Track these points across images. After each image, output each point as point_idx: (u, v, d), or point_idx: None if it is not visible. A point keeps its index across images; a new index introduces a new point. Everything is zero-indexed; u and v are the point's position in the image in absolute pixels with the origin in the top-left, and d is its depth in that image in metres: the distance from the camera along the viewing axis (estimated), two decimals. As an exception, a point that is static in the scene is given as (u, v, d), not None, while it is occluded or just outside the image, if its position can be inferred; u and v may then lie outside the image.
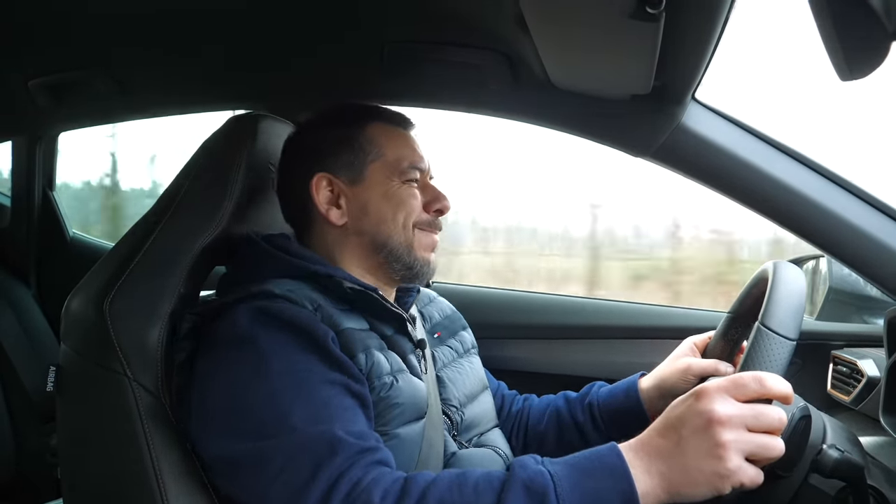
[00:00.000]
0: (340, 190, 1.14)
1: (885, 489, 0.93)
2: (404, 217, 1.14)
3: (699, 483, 0.79)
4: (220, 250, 1.12)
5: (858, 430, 1.10)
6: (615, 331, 1.85)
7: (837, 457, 0.89)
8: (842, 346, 1.62)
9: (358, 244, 1.14)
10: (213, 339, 0.98)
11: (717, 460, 0.78)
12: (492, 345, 1.69)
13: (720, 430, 0.79)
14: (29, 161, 2.32)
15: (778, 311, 0.94)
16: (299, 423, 0.88)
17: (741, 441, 0.79)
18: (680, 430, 0.81)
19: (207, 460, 0.96)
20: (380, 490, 0.82)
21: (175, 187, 1.14)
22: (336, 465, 0.84)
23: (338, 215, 1.14)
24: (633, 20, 0.90)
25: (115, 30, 1.49)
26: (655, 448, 0.82)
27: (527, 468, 0.83)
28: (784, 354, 0.91)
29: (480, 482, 0.83)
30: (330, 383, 0.94)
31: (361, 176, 1.14)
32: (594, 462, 0.82)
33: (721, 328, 1.25)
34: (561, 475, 0.81)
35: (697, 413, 0.81)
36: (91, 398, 1.03)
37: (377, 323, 1.09)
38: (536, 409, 1.37)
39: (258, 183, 1.17)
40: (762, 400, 0.82)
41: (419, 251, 1.15)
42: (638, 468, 0.80)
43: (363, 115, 1.18)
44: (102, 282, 1.03)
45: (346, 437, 0.87)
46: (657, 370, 1.29)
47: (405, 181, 1.15)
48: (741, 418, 0.80)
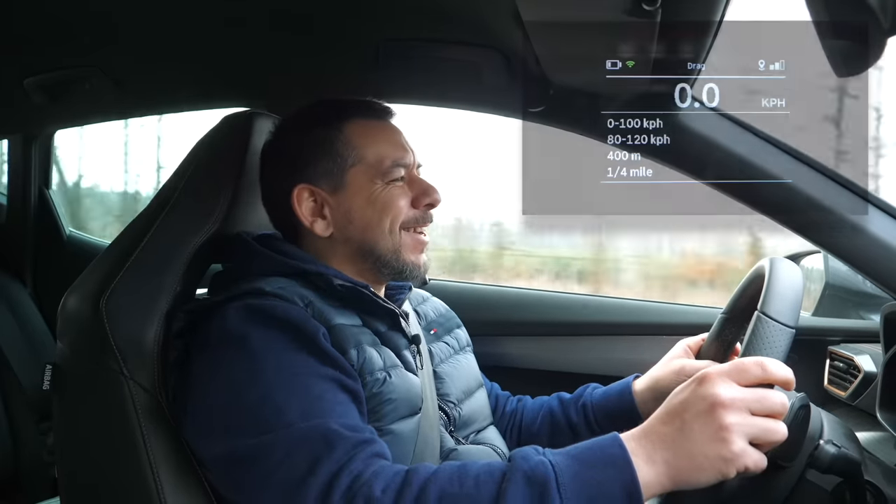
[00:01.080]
0: (323, 199, 1.12)
1: (881, 485, 0.93)
2: (390, 221, 1.11)
3: (704, 467, 0.78)
4: (217, 248, 1.12)
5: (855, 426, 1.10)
6: (609, 327, 1.85)
7: (834, 452, 0.89)
8: (838, 341, 1.62)
9: (345, 252, 1.13)
10: (206, 337, 0.98)
11: (722, 443, 0.78)
12: (486, 342, 1.69)
13: (724, 413, 0.78)
14: (25, 159, 2.32)
15: (777, 300, 0.94)
16: (295, 418, 0.87)
17: (745, 424, 0.79)
18: (683, 415, 0.81)
19: (204, 459, 0.96)
20: (381, 483, 0.82)
21: (171, 185, 1.13)
22: (335, 458, 0.84)
23: (323, 226, 1.12)
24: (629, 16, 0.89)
25: (110, 28, 1.49)
26: (658, 436, 0.81)
27: (528, 459, 0.82)
28: (784, 342, 0.91)
29: (481, 473, 0.82)
30: (323, 378, 0.93)
31: (343, 183, 1.12)
32: (596, 452, 0.82)
33: (715, 329, 1.25)
34: (562, 466, 0.80)
35: (701, 397, 0.80)
36: (87, 396, 1.03)
37: (370, 319, 1.09)
38: (530, 410, 1.37)
39: (253, 181, 1.17)
40: (764, 386, 0.82)
41: (407, 255, 1.13)
42: (640, 457, 0.80)
43: (339, 114, 1.15)
44: (99, 280, 1.03)
45: (342, 430, 0.87)
46: (651, 372, 1.29)
47: (389, 181, 1.12)
48: (744, 401, 0.79)
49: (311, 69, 1.61)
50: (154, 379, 1.00)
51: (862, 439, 1.02)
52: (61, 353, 1.05)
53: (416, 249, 1.15)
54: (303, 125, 1.16)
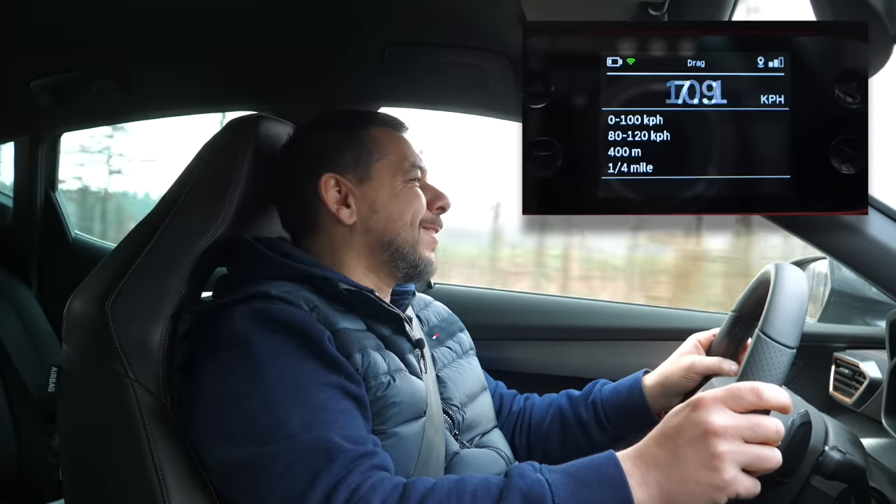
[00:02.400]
0: (349, 189, 1.15)
1: (887, 491, 0.93)
2: (412, 215, 1.16)
3: (696, 494, 0.79)
4: (222, 252, 1.12)
5: (860, 432, 1.10)
6: (614, 332, 1.85)
7: (839, 459, 0.89)
8: (844, 347, 1.62)
9: (364, 242, 1.15)
10: (211, 341, 0.98)
11: (713, 471, 0.78)
12: (491, 346, 1.69)
13: (716, 442, 0.79)
14: (31, 162, 2.32)
15: (778, 319, 0.94)
16: (297, 430, 0.88)
17: (737, 452, 0.79)
18: (676, 439, 0.81)
19: (208, 462, 0.97)
20: (379, 496, 0.83)
21: (177, 189, 1.14)
22: (334, 471, 0.84)
23: (348, 214, 1.14)
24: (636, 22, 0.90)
25: (117, 31, 1.49)
26: (653, 458, 0.82)
27: (525, 477, 0.83)
28: (783, 363, 0.91)
29: (479, 489, 0.83)
30: (326, 386, 0.94)
31: (368, 175, 1.15)
32: (592, 472, 0.82)
33: (725, 326, 1.25)
34: (559, 484, 0.81)
35: (694, 424, 0.81)
36: (92, 399, 1.03)
37: (374, 324, 1.09)
38: (539, 409, 1.37)
39: (259, 185, 1.17)
40: (760, 410, 0.82)
41: (423, 250, 1.17)
42: (635, 478, 0.80)
43: (362, 118, 1.21)
44: (104, 283, 1.03)
45: (343, 443, 0.87)
46: (661, 367, 1.29)
47: (408, 180, 1.17)
48: (737, 429, 0.80)
49: (317, 73, 1.61)
50: (159, 382, 1.00)
51: (867, 446, 1.02)
52: (66, 356, 1.05)
53: (430, 246, 1.19)
54: (331, 123, 1.20)
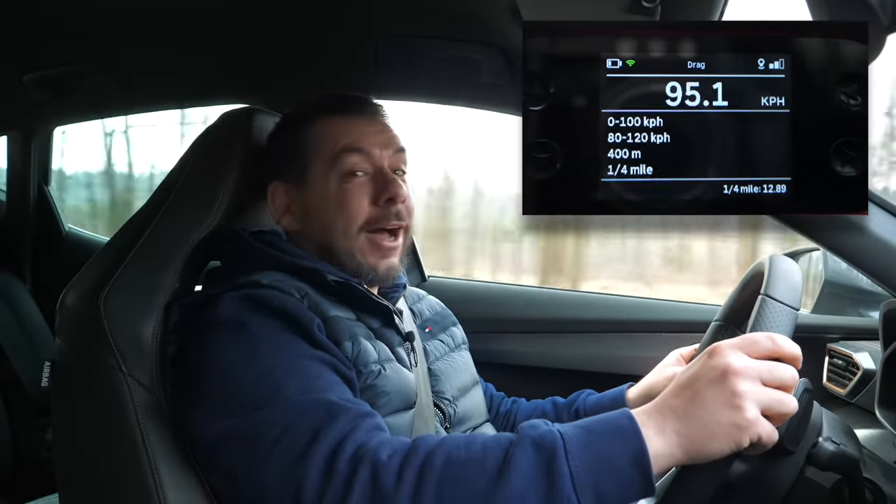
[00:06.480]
0: (291, 196, 1.13)
1: (880, 482, 0.94)
2: (344, 223, 1.09)
3: (717, 436, 0.77)
4: (215, 246, 1.12)
5: (854, 424, 1.11)
6: (609, 324, 1.85)
7: (833, 449, 0.89)
8: (837, 339, 1.62)
9: (311, 249, 1.12)
10: (203, 327, 0.98)
11: (736, 410, 0.76)
12: (485, 339, 1.69)
13: (736, 381, 0.77)
14: (24, 156, 2.32)
15: (781, 284, 0.94)
16: (294, 393, 0.87)
17: (757, 392, 0.77)
18: (694, 385, 0.79)
19: (203, 445, 0.94)
20: (387, 449, 0.80)
21: (170, 182, 1.13)
22: (338, 427, 0.83)
23: (289, 221, 1.13)
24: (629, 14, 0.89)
25: (110, 24, 1.49)
26: (669, 408, 0.80)
27: (537, 427, 0.81)
28: (790, 323, 0.91)
29: (489, 441, 0.81)
30: (319, 360, 0.93)
31: (304, 178, 1.11)
32: (605, 425, 0.81)
33: (707, 338, 1.25)
34: (571, 434, 0.79)
35: (712, 367, 0.79)
36: (86, 393, 1.03)
37: (364, 315, 1.08)
38: (524, 413, 1.38)
39: (252, 177, 1.17)
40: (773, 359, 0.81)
41: (365, 257, 1.11)
42: (651, 428, 0.78)
43: (312, 110, 1.15)
44: (97, 276, 1.03)
45: (344, 402, 0.86)
46: (644, 380, 1.29)
47: (344, 175, 1.09)
48: (756, 370, 0.78)
49: (310, 66, 1.61)
50: (152, 375, 1.00)
51: (861, 437, 1.02)
52: (60, 350, 1.05)
53: (375, 252, 1.11)
54: (282, 123, 1.17)
